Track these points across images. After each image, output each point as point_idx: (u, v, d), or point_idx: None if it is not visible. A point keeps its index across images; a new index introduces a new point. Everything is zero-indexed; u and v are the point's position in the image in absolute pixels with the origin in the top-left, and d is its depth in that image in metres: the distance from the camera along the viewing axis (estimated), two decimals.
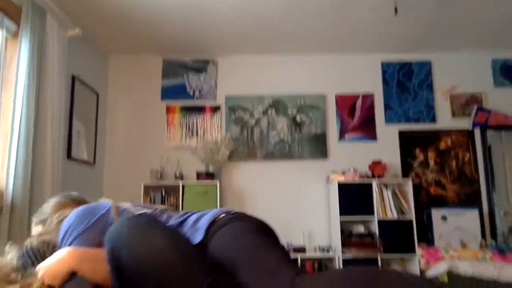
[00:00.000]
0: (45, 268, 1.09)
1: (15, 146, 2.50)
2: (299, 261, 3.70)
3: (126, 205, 1.34)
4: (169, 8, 3.37)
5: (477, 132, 4.21)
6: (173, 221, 1.29)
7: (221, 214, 1.22)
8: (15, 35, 2.75)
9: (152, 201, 3.79)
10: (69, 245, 1.19)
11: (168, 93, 4.28)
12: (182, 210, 3.70)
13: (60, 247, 1.21)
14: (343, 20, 3.65)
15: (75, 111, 3.51)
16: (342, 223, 3.72)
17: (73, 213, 1.27)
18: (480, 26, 3.80)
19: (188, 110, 4.24)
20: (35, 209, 2.58)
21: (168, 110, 4.24)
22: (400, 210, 3.72)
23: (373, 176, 3.91)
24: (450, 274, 3.31)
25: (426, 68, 4.36)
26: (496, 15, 3.59)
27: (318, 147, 4.18)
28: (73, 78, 3.51)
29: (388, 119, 4.26)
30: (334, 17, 3.59)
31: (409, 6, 3.38)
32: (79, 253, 1.12)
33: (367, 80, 4.37)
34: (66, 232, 1.23)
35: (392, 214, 3.70)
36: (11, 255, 1.14)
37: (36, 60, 2.71)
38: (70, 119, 3.44)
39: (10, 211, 2.43)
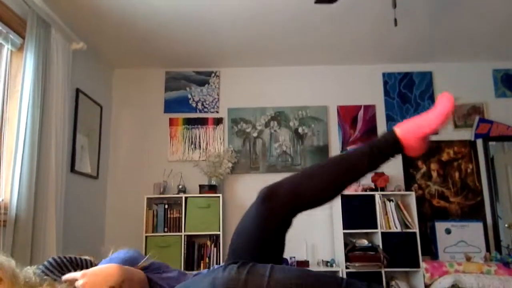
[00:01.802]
0: (91, 275, 1.15)
1: (19, 159, 2.50)
2: None
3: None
4: (172, 21, 3.40)
5: (480, 143, 4.21)
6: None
7: None
8: (20, 48, 2.78)
9: (155, 214, 3.78)
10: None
11: (171, 105, 4.30)
12: (185, 223, 3.71)
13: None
14: (344, 32, 3.68)
15: (79, 124, 3.52)
16: (345, 236, 3.69)
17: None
18: (481, 36, 3.82)
19: (190, 123, 4.25)
20: (39, 222, 2.59)
21: (171, 122, 4.25)
22: (404, 223, 3.70)
23: (376, 188, 3.90)
24: None
25: (427, 78, 4.38)
26: (497, 25, 3.61)
27: (321, 159, 4.18)
28: (77, 91, 3.53)
29: None
30: (335, 29, 3.62)
31: (409, 17, 3.41)
32: (125, 272, 1.19)
33: (368, 91, 4.38)
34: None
35: (395, 227, 3.68)
36: (33, 268, 1.21)
37: (41, 74, 2.73)
38: (74, 132, 3.46)
39: (14, 224, 2.42)
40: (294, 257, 3.84)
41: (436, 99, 4.33)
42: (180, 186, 3.92)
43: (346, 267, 3.61)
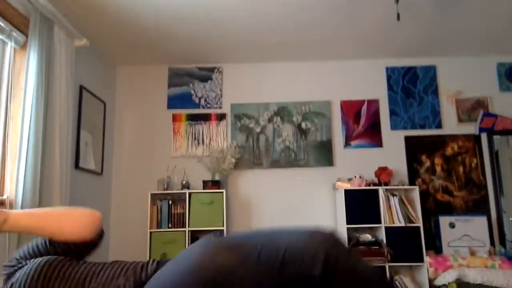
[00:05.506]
0: None
1: (24, 156, 2.52)
2: None
3: None
4: (174, 18, 3.40)
5: (484, 137, 4.20)
6: None
7: None
8: (23, 46, 2.78)
9: (159, 210, 3.80)
10: None
11: (174, 102, 4.31)
12: (189, 218, 3.72)
13: None
14: (347, 26, 3.66)
15: (83, 121, 3.54)
16: (348, 231, 3.70)
17: None
18: (485, 30, 3.79)
19: (194, 119, 4.26)
20: None
21: (174, 118, 4.26)
22: (408, 218, 3.69)
23: (380, 183, 3.90)
24: (459, 282, 3.29)
25: (431, 72, 4.36)
26: (501, 19, 3.59)
27: (324, 154, 4.18)
28: (81, 88, 3.54)
29: (394, 125, 4.26)
30: (337, 24, 3.61)
31: (413, 11, 3.39)
32: None
33: (372, 86, 4.37)
34: None
35: (399, 221, 3.68)
36: None
37: (44, 71, 2.74)
38: (78, 129, 3.47)
39: None
40: None
41: (440, 93, 4.33)
42: (184, 182, 3.94)
43: None
